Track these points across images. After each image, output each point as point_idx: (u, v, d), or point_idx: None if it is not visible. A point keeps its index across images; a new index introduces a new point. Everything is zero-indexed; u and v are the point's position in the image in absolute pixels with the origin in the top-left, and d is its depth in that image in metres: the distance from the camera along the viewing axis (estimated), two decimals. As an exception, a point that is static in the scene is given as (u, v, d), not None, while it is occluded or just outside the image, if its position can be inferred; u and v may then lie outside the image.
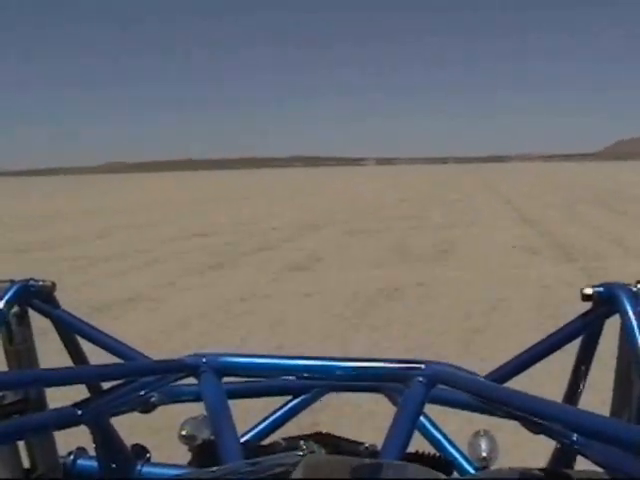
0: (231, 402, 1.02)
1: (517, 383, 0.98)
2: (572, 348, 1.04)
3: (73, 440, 1.11)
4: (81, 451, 1.12)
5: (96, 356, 1.20)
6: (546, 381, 2.86)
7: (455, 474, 1.01)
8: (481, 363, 2.94)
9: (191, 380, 1.07)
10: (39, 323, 1.16)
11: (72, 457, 1.11)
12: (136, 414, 1.12)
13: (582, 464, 0.87)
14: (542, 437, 0.88)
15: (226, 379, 1.07)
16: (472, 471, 1.04)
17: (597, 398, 1.21)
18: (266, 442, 1.07)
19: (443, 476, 0.71)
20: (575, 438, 0.83)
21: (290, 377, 1.09)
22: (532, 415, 0.79)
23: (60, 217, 24.22)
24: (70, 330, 1.17)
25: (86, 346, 1.20)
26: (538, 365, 1.06)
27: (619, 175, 59.53)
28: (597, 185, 37.36)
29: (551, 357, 1.06)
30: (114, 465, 1.03)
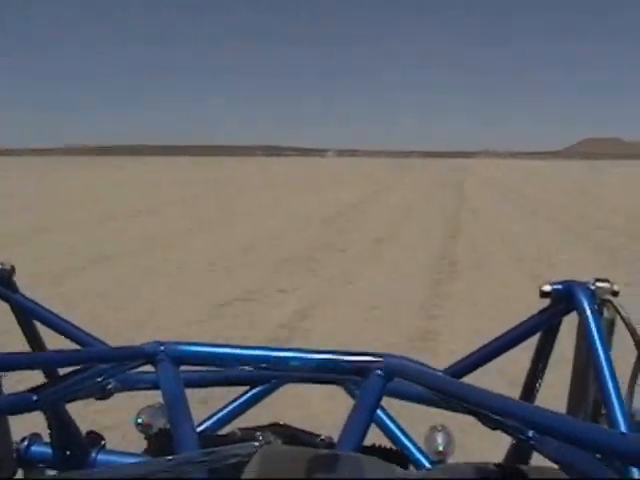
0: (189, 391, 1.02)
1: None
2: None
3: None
4: (35, 437, 1.10)
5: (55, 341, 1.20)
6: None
7: (411, 468, 1.02)
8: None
9: (149, 368, 1.06)
10: None
11: (26, 443, 1.09)
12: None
13: (538, 460, 0.88)
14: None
15: (184, 368, 1.07)
16: (428, 465, 1.04)
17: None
18: (223, 432, 1.07)
19: (399, 469, 0.72)
20: (531, 434, 0.84)
21: (248, 367, 1.09)
22: (488, 411, 0.79)
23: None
24: (28, 315, 1.15)
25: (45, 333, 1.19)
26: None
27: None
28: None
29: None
30: (68, 452, 1.02)
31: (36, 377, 1.01)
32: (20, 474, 1.08)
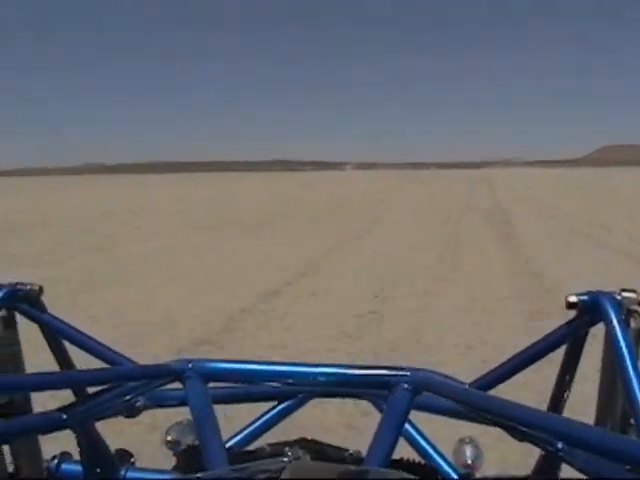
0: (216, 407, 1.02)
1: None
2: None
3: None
4: (65, 455, 1.11)
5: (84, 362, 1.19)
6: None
7: None
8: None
9: (177, 385, 1.07)
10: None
11: (56, 461, 1.10)
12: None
13: (567, 472, 0.88)
14: None
15: (212, 384, 1.07)
16: (456, 478, 1.04)
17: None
18: (251, 448, 1.07)
19: None
20: (560, 446, 0.84)
21: (275, 383, 1.09)
22: (517, 423, 0.79)
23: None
24: (57, 334, 1.17)
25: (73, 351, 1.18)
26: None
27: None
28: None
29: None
30: (98, 469, 1.03)
31: (66, 396, 1.02)
32: None
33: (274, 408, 1.15)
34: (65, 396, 1.01)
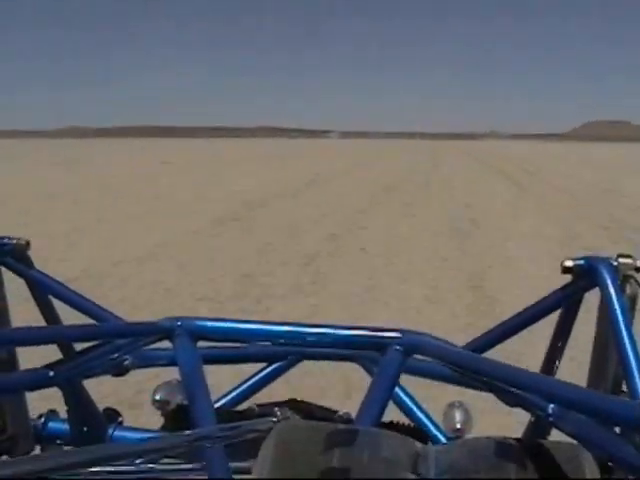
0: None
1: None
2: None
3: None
4: (53, 413, 1.10)
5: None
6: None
7: (429, 444, 1.02)
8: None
9: (166, 344, 1.06)
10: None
11: (43, 419, 1.09)
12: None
13: (557, 436, 0.88)
14: None
15: (201, 344, 1.06)
16: (446, 441, 1.04)
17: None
18: (240, 408, 1.07)
19: (418, 444, 0.72)
20: (550, 410, 0.84)
21: (265, 343, 1.09)
22: (509, 385, 0.79)
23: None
24: (43, 290, 1.15)
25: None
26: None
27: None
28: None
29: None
30: (86, 428, 1.02)
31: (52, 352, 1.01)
32: (37, 450, 1.08)
33: (264, 369, 1.14)
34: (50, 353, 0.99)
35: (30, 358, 1.07)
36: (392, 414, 0.97)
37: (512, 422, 1.04)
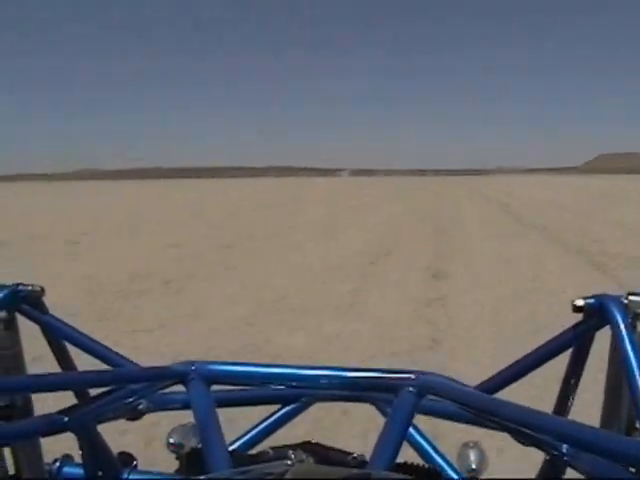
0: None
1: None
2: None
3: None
4: (67, 458, 1.11)
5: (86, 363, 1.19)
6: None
7: None
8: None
9: (180, 388, 1.06)
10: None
11: (58, 464, 1.09)
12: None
13: (572, 476, 0.88)
14: None
15: (215, 387, 1.07)
16: None
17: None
18: (254, 451, 1.06)
19: None
20: (565, 450, 0.84)
21: (279, 386, 1.09)
22: (522, 426, 0.79)
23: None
24: (58, 336, 1.16)
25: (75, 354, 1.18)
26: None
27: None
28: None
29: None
30: (100, 473, 1.02)
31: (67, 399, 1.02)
32: None
33: (278, 411, 1.14)
34: (66, 399, 1.00)
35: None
36: (406, 454, 0.97)
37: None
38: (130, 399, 1.04)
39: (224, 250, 15.20)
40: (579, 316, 1.01)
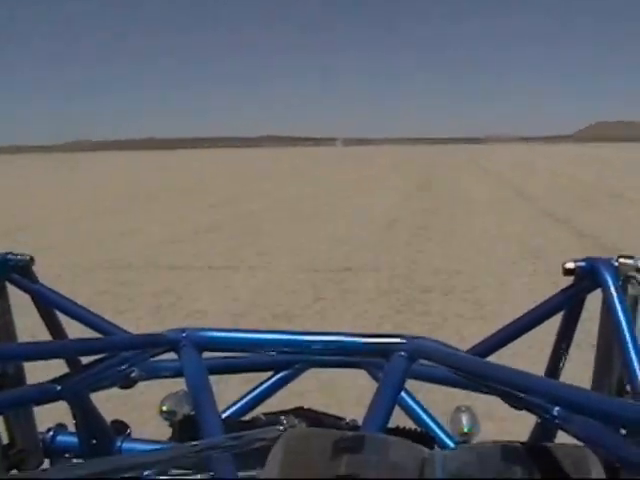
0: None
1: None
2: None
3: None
4: (61, 427, 1.11)
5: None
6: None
7: (436, 448, 1.02)
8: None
9: (172, 355, 1.06)
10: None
11: (52, 433, 1.10)
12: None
13: (563, 438, 0.88)
14: None
15: (206, 354, 1.07)
16: (453, 446, 1.04)
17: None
18: (247, 417, 1.07)
19: (425, 449, 0.72)
20: (556, 412, 0.84)
21: (271, 352, 1.09)
22: (514, 389, 0.79)
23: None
24: (49, 305, 1.16)
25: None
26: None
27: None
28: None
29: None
30: (94, 441, 1.03)
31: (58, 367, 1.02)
32: (47, 464, 1.09)
33: (270, 378, 1.15)
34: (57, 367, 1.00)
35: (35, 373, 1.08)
36: (399, 419, 0.97)
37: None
38: (122, 367, 1.04)
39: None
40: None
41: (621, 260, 0.98)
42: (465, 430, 1.06)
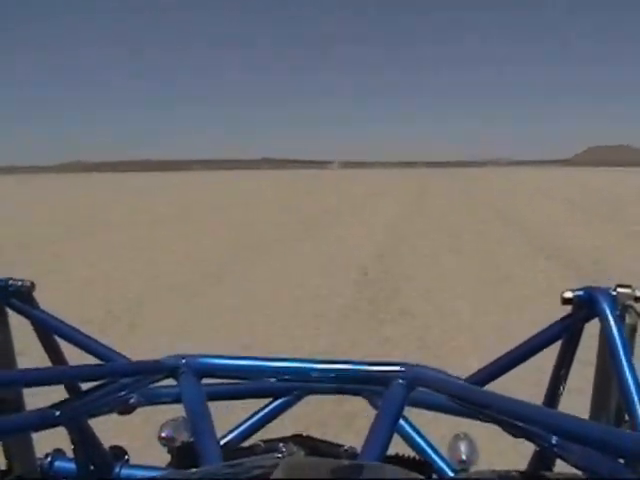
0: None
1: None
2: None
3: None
4: (59, 452, 1.11)
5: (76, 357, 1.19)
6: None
7: (434, 477, 1.02)
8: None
9: (171, 382, 1.06)
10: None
11: (50, 459, 1.10)
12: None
13: (561, 467, 0.88)
14: None
15: (206, 380, 1.07)
16: (451, 474, 1.04)
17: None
18: (246, 444, 1.07)
19: (422, 478, 0.72)
20: (555, 441, 0.84)
21: (271, 379, 1.09)
22: (512, 418, 0.79)
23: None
24: (49, 330, 1.16)
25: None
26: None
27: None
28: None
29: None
30: (92, 467, 1.03)
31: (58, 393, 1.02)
32: None
33: (269, 404, 1.15)
34: (57, 394, 1.00)
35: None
36: (397, 447, 0.97)
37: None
38: (121, 393, 1.04)
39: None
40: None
41: (619, 290, 0.99)
42: (463, 458, 1.06)
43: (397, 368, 0.99)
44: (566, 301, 1.00)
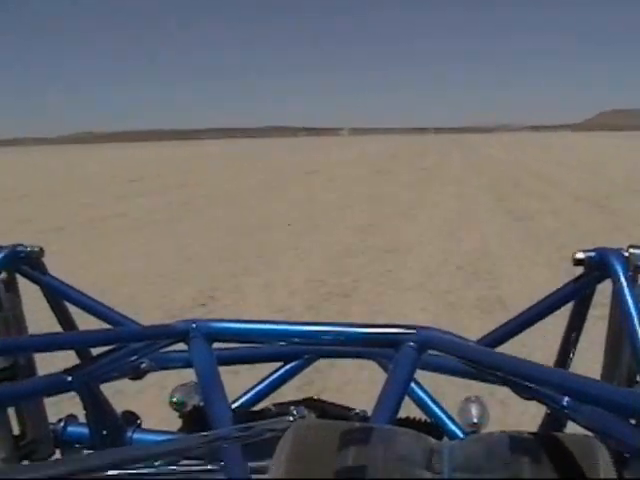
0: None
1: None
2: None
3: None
4: (71, 418, 1.11)
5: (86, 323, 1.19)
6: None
7: (445, 439, 1.02)
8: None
9: (182, 346, 1.06)
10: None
11: (62, 424, 1.10)
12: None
13: (572, 428, 0.88)
14: None
15: (216, 345, 1.07)
16: (462, 436, 1.04)
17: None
18: (257, 408, 1.07)
19: (434, 440, 0.72)
20: (565, 403, 0.84)
21: (281, 343, 1.09)
22: (523, 379, 0.79)
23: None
24: (59, 296, 1.16)
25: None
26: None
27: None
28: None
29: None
30: (104, 431, 1.03)
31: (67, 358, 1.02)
32: (57, 455, 1.09)
33: (279, 369, 1.15)
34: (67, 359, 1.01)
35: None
36: (408, 410, 0.97)
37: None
38: (132, 358, 1.04)
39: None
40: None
41: (631, 250, 0.97)
42: (474, 420, 1.06)
43: (408, 331, 0.98)
44: (578, 262, 0.98)
